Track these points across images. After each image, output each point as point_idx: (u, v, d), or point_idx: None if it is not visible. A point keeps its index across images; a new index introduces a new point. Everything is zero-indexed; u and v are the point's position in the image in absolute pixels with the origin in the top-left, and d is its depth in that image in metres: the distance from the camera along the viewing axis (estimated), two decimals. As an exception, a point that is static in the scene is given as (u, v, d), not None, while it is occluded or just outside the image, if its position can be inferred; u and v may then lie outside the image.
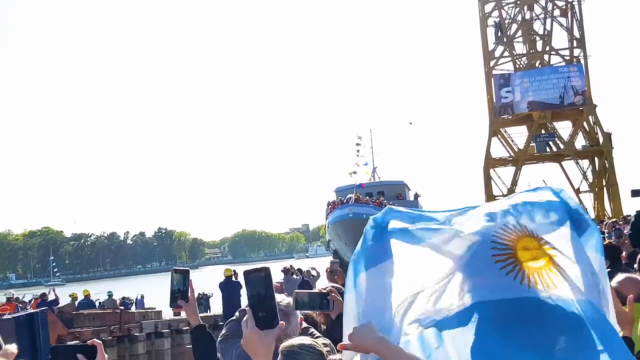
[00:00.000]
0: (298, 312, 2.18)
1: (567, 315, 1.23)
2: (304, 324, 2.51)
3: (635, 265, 3.92)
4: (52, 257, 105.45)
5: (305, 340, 1.72)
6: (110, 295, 18.06)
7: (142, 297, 23.11)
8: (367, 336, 1.20)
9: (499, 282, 1.25)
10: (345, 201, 27.09)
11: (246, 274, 1.34)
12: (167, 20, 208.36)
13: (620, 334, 2.08)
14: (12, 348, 1.20)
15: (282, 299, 2.03)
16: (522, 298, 1.23)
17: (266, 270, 1.33)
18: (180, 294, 1.91)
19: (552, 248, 1.30)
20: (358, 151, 32.32)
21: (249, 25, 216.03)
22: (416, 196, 32.74)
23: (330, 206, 28.94)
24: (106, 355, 1.30)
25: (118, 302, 17.93)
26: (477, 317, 1.23)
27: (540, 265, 1.28)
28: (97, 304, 17.40)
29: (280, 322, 1.33)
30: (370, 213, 1.52)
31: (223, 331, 2.16)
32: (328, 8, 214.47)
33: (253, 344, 1.33)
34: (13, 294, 18.09)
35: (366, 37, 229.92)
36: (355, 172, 30.09)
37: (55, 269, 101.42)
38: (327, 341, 2.06)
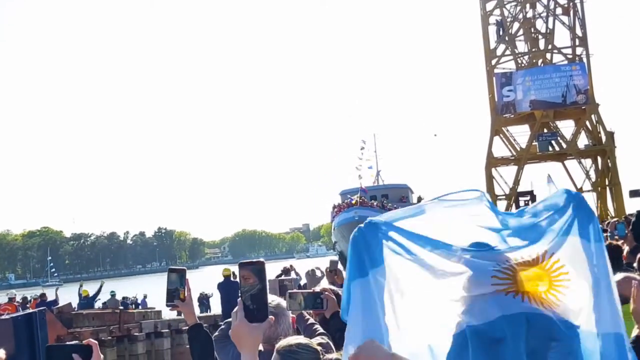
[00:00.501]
0: (289, 312, 2.19)
1: (568, 334, 1.22)
2: (310, 320, 2.51)
3: (635, 264, 3.93)
4: (50, 258, 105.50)
5: (302, 339, 1.74)
6: (113, 295, 18.15)
7: (145, 297, 23.18)
8: (375, 356, 1.14)
9: (497, 301, 1.23)
10: (349, 204, 27.80)
11: (241, 266, 1.35)
12: (168, 21, 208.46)
13: (635, 332, 2.07)
14: (1, 353, 1.21)
15: (272, 299, 2.04)
16: (522, 313, 1.22)
17: (260, 264, 1.34)
18: (177, 293, 1.92)
19: (557, 270, 1.27)
20: (362, 155, 32.98)
21: (250, 26, 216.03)
22: (419, 199, 33.03)
23: (336, 209, 29.71)
24: (102, 356, 1.30)
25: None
26: (474, 339, 1.21)
27: (541, 290, 1.27)
28: (100, 303, 17.49)
29: (270, 317, 1.34)
30: (375, 215, 1.52)
31: (217, 332, 2.17)
32: (328, 8, 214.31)
33: (240, 335, 1.34)
34: (15, 294, 18.21)
35: (366, 36, 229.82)
36: (360, 176, 31.03)
37: (53, 269, 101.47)
38: (325, 340, 2.07)
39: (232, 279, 12.73)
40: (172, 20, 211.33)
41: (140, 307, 20.76)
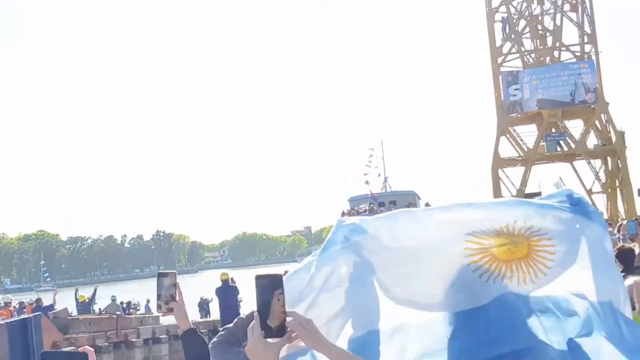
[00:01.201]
0: None
1: (539, 309, 1.25)
2: None
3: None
4: (43, 262, 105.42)
5: None
6: (113, 300, 18.23)
7: (148, 301, 23.22)
8: (317, 340, 1.25)
9: (472, 287, 1.27)
10: (358, 211, 28.54)
11: (258, 279, 1.31)
12: (166, 22, 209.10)
13: None
14: None
15: None
16: (490, 303, 1.26)
17: (278, 278, 1.31)
18: (169, 298, 1.88)
19: (538, 235, 1.28)
20: (370, 162, 33.53)
21: (249, 26, 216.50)
22: (427, 206, 33.31)
23: (345, 216, 30.26)
24: None
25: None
26: (448, 326, 1.28)
27: (516, 257, 1.29)
28: (97, 309, 17.50)
29: (289, 332, 1.31)
30: None
31: (215, 338, 2.15)
32: (328, 8, 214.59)
33: (257, 352, 1.31)
34: (11, 299, 18.31)
35: (368, 35, 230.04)
36: (368, 182, 31.77)
37: (46, 274, 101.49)
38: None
39: (230, 283, 12.72)
40: (171, 21, 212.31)
41: (146, 312, 20.78)
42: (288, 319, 1.26)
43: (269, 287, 1.30)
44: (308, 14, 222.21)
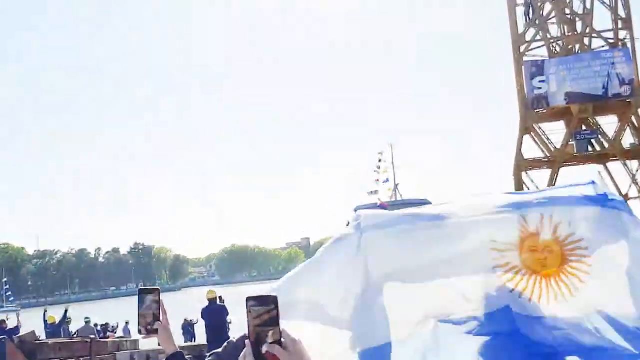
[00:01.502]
0: None
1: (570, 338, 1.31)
2: None
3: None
4: (6, 279, 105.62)
5: None
6: (87, 321, 18.29)
7: (127, 323, 23.28)
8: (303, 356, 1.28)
9: (501, 293, 1.33)
10: None
11: (249, 301, 1.32)
12: (163, 19, 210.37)
13: None
14: None
15: None
16: (524, 316, 1.31)
17: (273, 299, 1.32)
18: (152, 318, 1.88)
19: (574, 242, 1.29)
20: (379, 167, 33.73)
21: (249, 27, 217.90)
22: None
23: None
24: None
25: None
26: (487, 328, 1.35)
27: (547, 271, 1.31)
28: (68, 332, 17.50)
29: None
30: None
31: None
32: (330, 6, 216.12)
33: None
34: None
35: (371, 32, 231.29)
36: (376, 191, 31.97)
37: (9, 293, 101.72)
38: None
39: (218, 302, 12.74)
40: (169, 19, 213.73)
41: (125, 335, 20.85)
42: (268, 344, 1.27)
43: (262, 310, 1.31)
44: (308, 13, 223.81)
